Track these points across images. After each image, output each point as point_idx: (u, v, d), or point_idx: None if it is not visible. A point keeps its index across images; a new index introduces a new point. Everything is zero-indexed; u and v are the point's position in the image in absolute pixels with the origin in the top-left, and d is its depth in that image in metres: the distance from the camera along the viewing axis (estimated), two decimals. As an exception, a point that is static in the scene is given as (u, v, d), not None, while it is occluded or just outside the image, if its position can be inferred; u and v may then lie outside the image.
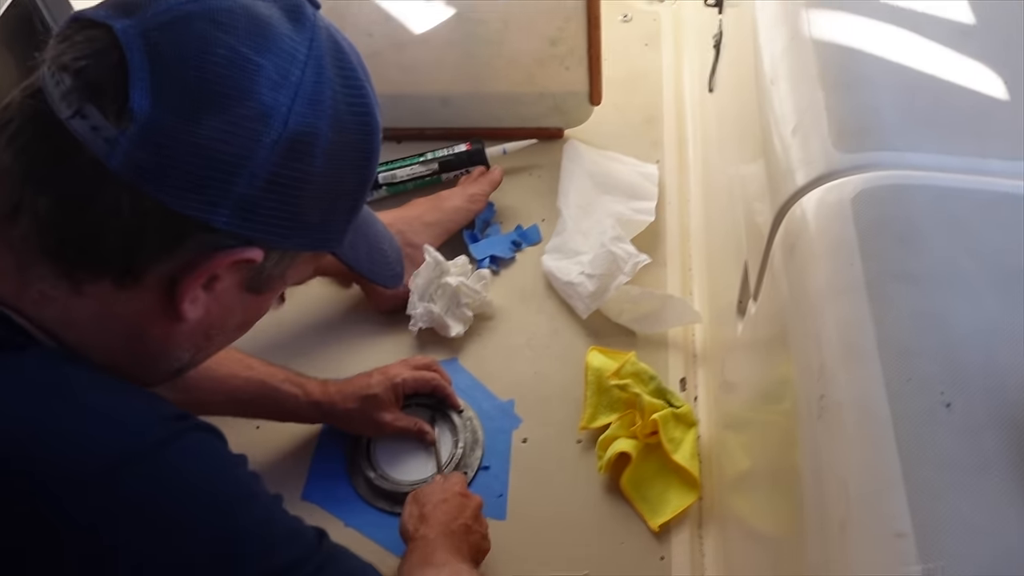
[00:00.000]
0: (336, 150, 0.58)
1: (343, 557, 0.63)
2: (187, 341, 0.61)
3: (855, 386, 0.58)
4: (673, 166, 1.38)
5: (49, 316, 0.55)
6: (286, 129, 0.54)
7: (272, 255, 0.59)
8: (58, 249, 0.54)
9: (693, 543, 1.00)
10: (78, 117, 0.51)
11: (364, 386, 1.04)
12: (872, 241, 0.64)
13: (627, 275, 1.14)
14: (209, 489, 0.55)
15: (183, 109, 0.52)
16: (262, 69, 0.53)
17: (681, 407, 1.06)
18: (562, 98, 1.37)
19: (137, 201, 0.52)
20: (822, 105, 0.76)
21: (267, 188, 0.55)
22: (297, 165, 0.56)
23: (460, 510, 0.93)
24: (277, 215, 0.56)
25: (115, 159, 0.51)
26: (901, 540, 0.50)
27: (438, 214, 1.26)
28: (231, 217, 0.54)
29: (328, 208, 0.60)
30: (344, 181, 0.60)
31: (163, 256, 0.55)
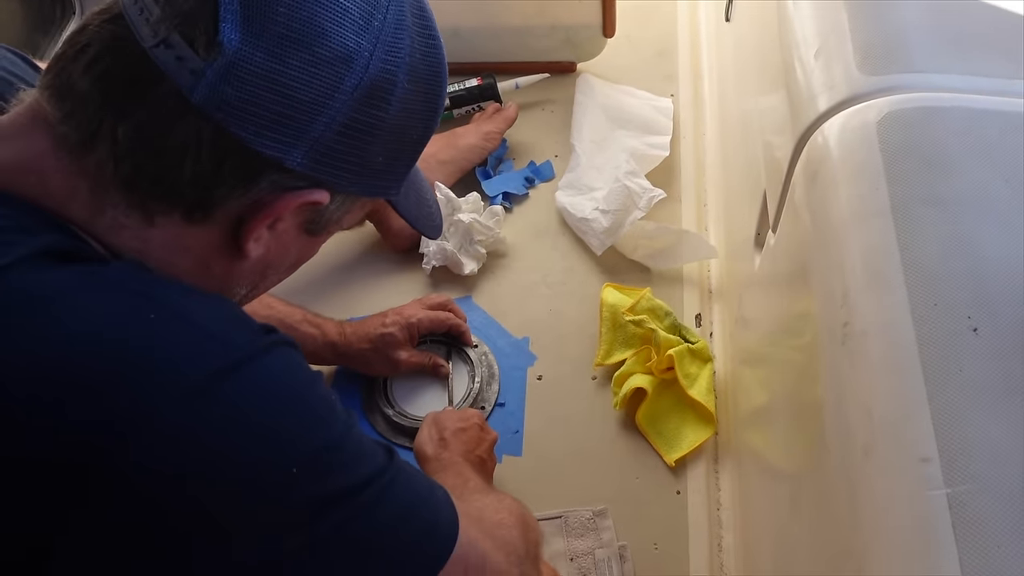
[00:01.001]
0: (409, 99, 0.57)
1: (411, 472, 0.63)
2: (246, 278, 0.61)
3: (880, 312, 0.57)
4: (688, 100, 1.36)
5: (121, 243, 0.55)
6: (367, 74, 0.54)
7: (336, 198, 0.58)
8: (133, 178, 0.53)
9: (709, 478, 1.00)
10: (163, 46, 0.50)
11: (379, 325, 1.05)
12: (898, 165, 0.62)
13: (642, 210, 1.12)
14: (300, 401, 0.55)
15: (271, 45, 0.51)
16: (348, 11, 0.53)
17: (697, 343, 1.05)
18: (574, 30, 1.34)
19: (216, 136, 0.52)
20: (846, 27, 0.73)
21: (342, 132, 0.54)
22: (373, 112, 0.55)
23: (478, 442, 0.93)
24: (348, 159, 0.56)
25: (199, 92, 0.50)
26: (926, 465, 0.49)
27: (453, 151, 1.24)
28: (305, 158, 0.54)
29: (394, 156, 0.60)
30: (412, 130, 0.60)
31: (236, 193, 0.54)
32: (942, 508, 0.47)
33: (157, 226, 0.55)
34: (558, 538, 0.95)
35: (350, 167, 0.57)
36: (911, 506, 0.49)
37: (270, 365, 0.54)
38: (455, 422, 0.94)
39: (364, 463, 0.57)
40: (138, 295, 0.52)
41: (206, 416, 0.50)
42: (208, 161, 0.52)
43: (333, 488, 0.54)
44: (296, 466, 0.52)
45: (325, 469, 0.54)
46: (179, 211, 0.54)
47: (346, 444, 0.56)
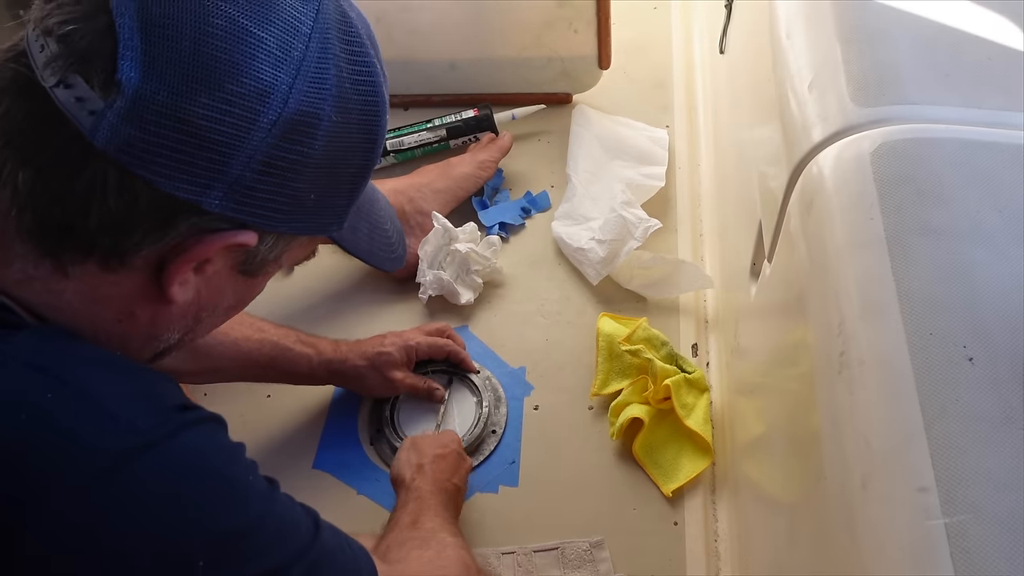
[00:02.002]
0: (339, 131, 0.54)
1: (337, 551, 0.61)
2: (176, 323, 0.58)
3: (876, 341, 0.57)
4: (683, 131, 1.37)
5: (32, 297, 0.52)
6: (285, 109, 0.51)
7: (267, 238, 0.56)
8: (39, 227, 0.50)
9: (706, 508, 0.99)
10: (62, 86, 0.48)
11: (377, 344, 1.04)
12: (892, 195, 0.63)
13: (638, 240, 1.12)
14: (209, 485, 0.52)
15: (175, 83, 0.48)
16: (262, 43, 0.50)
17: (693, 372, 1.05)
18: (571, 62, 1.35)
19: (124, 180, 0.49)
20: (839, 59, 0.74)
21: (263, 171, 0.51)
22: (296, 148, 0.52)
23: (454, 470, 0.92)
24: (273, 198, 0.53)
25: (101, 134, 0.48)
26: (924, 494, 0.49)
27: (448, 181, 1.24)
28: (224, 200, 0.51)
29: (328, 191, 0.57)
30: (346, 163, 0.57)
31: (152, 238, 0.51)
32: (940, 538, 0.47)
33: (71, 277, 0.52)
34: (555, 569, 0.94)
35: (276, 206, 0.53)
36: (909, 536, 0.49)
37: (178, 447, 0.51)
38: (434, 448, 0.94)
39: (284, 545, 0.55)
40: (39, 372, 0.49)
41: (104, 502, 0.48)
42: (117, 207, 0.49)
43: (254, 570, 0.52)
44: (201, 556, 0.50)
45: (236, 556, 0.52)
46: (93, 260, 0.51)
47: (263, 526, 0.54)
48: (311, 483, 1.02)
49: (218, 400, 1.09)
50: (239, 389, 1.10)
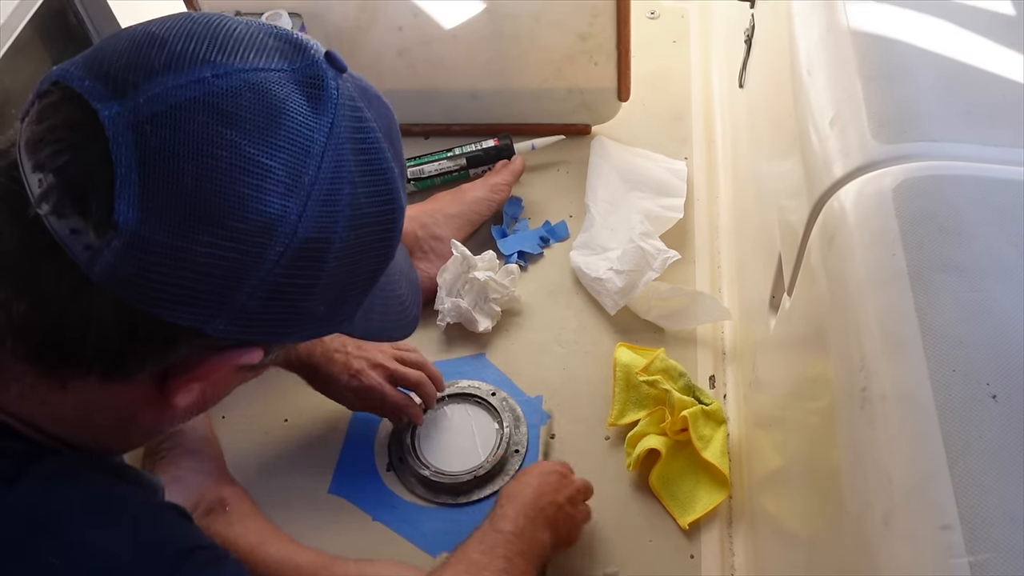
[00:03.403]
0: (352, 248, 0.52)
1: None
2: (179, 419, 0.58)
3: (899, 377, 0.57)
4: (702, 163, 1.37)
5: (31, 412, 0.52)
6: (294, 239, 0.48)
7: (274, 349, 0.55)
8: (36, 354, 0.49)
9: (723, 541, 0.99)
10: (56, 216, 0.45)
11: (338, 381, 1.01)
12: (914, 232, 0.63)
13: (656, 271, 1.13)
14: None
15: (175, 224, 0.45)
16: (270, 172, 0.47)
17: (711, 404, 1.05)
18: (590, 94, 1.36)
19: (122, 312, 0.47)
20: (860, 96, 0.75)
21: (270, 297, 0.50)
22: (306, 273, 0.50)
23: (555, 489, 0.90)
24: (281, 319, 0.52)
25: (97, 270, 0.46)
26: (948, 532, 0.49)
27: (460, 206, 1.25)
28: (229, 325, 0.49)
29: (339, 301, 0.55)
30: (359, 272, 0.55)
31: (152, 359, 0.50)
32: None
33: (71, 390, 0.51)
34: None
35: (284, 325, 0.52)
36: (932, 574, 0.49)
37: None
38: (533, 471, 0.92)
39: None
40: (42, 533, 0.48)
41: None
42: (115, 335, 0.48)
43: None
44: None
45: None
46: (93, 376, 0.50)
47: None
48: (327, 508, 1.02)
49: (236, 425, 1.09)
50: (257, 414, 1.11)
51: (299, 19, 1.24)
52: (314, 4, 1.26)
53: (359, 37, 1.30)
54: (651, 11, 1.62)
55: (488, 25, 1.28)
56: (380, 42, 1.30)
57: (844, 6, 0.83)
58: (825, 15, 0.84)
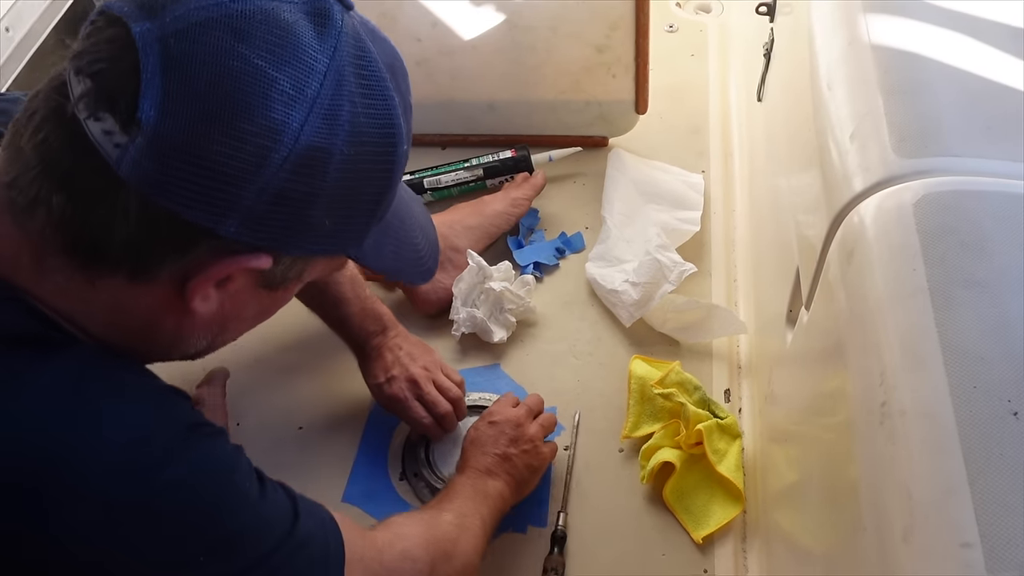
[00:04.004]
0: (352, 164, 0.57)
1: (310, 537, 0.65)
2: (200, 332, 0.62)
3: (919, 393, 0.57)
4: (719, 176, 1.37)
5: (66, 306, 0.57)
6: (297, 145, 0.53)
7: (283, 260, 0.59)
8: (71, 245, 0.54)
9: (737, 556, 0.98)
10: (93, 119, 0.52)
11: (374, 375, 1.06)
12: (935, 247, 0.63)
13: (672, 284, 1.13)
14: (211, 499, 0.58)
15: (190, 122, 0.51)
16: (276, 83, 0.53)
17: (726, 418, 1.04)
18: (608, 106, 1.36)
19: (146, 207, 0.52)
20: (881, 110, 0.75)
21: (275, 202, 0.55)
22: (308, 181, 0.55)
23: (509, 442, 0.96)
24: (286, 226, 0.57)
25: (124, 166, 0.52)
26: (968, 550, 0.49)
27: (480, 218, 1.26)
28: (239, 227, 0.54)
29: (343, 218, 0.60)
30: (361, 192, 0.60)
31: (173, 258, 0.55)
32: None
33: (99, 288, 0.56)
34: (582, 614, 0.93)
35: (291, 233, 0.57)
36: (953, 592, 0.48)
37: (189, 466, 0.57)
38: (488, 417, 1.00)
39: (268, 537, 0.61)
40: (76, 396, 0.54)
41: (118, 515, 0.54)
42: (140, 230, 0.53)
43: (238, 565, 0.59)
44: (203, 554, 0.57)
45: (230, 552, 0.59)
46: (120, 274, 0.55)
47: (253, 526, 0.61)
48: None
49: (250, 431, 1.10)
50: (271, 421, 1.11)
51: (319, 29, 1.25)
52: (334, 14, 1.26)
53: (378, 47, 1.30)
54: (669, 24, 1.62)
55: (506, 36, 1.29)
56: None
57: (865, 20, 0.83)
58: (846, 29, 0.84)
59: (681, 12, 1.66)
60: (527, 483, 0.98)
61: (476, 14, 1.27)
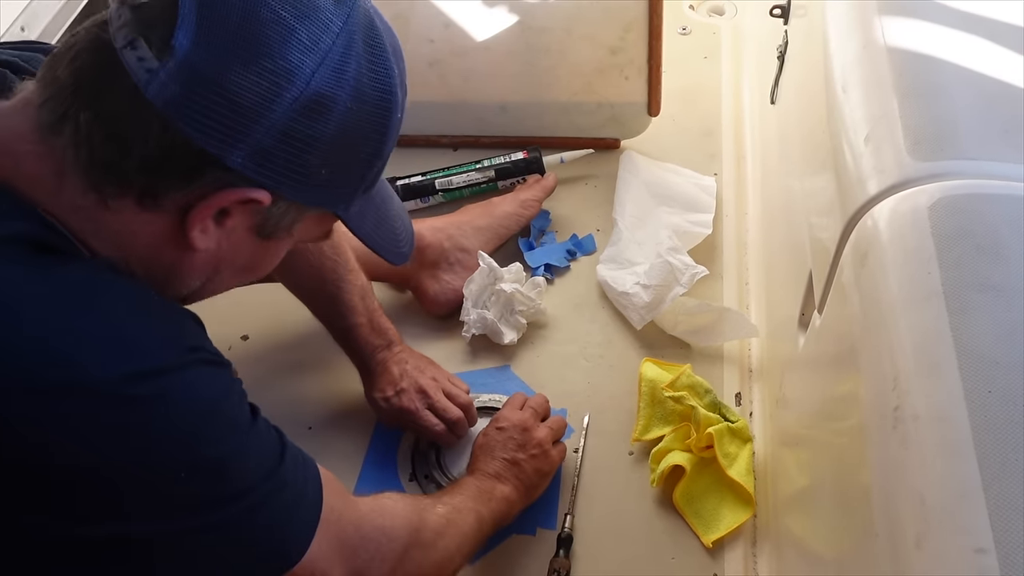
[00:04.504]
0: (352, 118, 0.62)
1: (292, 482, 0.67)
2: (198, 269, 0.65)
3: (933, 398, 0.56)
4: (731, 179, 1.37)
5: (79, 224, 0.60)
6: (307, 89, 0.58)
7: (279, 203, 0.63)
8: (90, 162, 0.58)
9: (747, 561, 0.98)
10: (129, 48, 0.56)
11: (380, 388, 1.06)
12: (950, 250, 0.62)
13: (684, 286, 1.12)
14: (202, 419, 0.60)
15: (218, 55, 0.56)
16: (295, 32, 0.58)
17: (737, 422, 1.04)
18: (620, 108, 1.36)
19: (164, 129, 0.57)
20: (896, 113, 0.74)
21: (281, 139, 0.59)
22: (312, 124, 0.60)
23: (517, 447, 0.97)
24: (287, 166, 0.60)
25: (152, 89, 0.56)
26: (982, 556, 0.48)
27: (489, 219, 1.26)
28: (246, 160, 0.59)
29: (338, 170, 0.64)
30: (357, 149, 0.64)
31: (180, 184, 0.59)
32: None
33: (111, 209, 0.60)
34: (591, 616, 0.93)
35: (290, 173, 0.61)
36: (966, 598, 0.48)
37: (182, 382, 0.59)
38: (498, 422, 1.00)
39: (251, 472, 0.63)
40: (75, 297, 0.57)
41: (107, 415, 0.56)
42: (156, 151, 0.58)
43: (219, 491, 0.61)
44: (183, 470, 0.58)
45: (212, 477, 0.60)
46: (131, 196, 0.59)
47: (237, 456, 0.62)
48: (349, 517, 1.02)
49: (260, 430, 1.10)
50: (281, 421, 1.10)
51: (332, 29, 1.25)
52: (347, 15, 1.27)
53: (391, 48, 1.31)
54: (683, 27, 1.62)
55: (519, 38, 1.29)
56: (411, 53, 1.28)
57: (880, 22, 0.82)
58: (861, 31, 0.84)
59: (694, 14, 1.66)
60: (536, 487, 0.98)
61: (489, 15, 1.27)
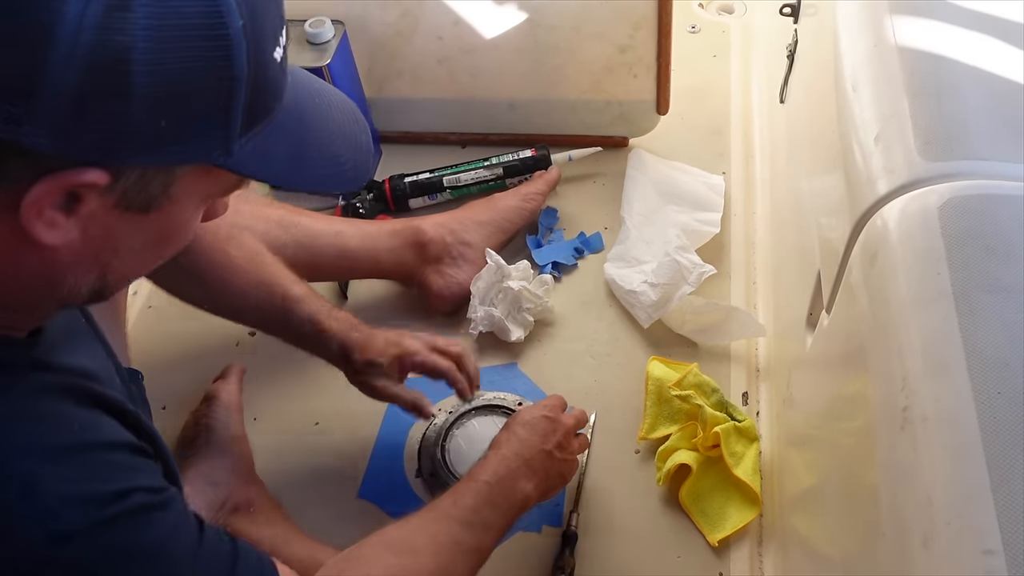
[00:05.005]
0: (166, 55, 0.49)
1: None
2: (78, 268, 0.56)
3: (941, 398, 0.56)
4: (739, 178, 1.37)
5: None
6: (80, 41, 0.47)
7: (127, 173, 0.52)
8: None
9: (752, 560, 0.98)
10: None
11: (379, 346, 1.00)
12: (960, 251, 0.62)
13: (691, 285, 1.12)
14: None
15: None
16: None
17: (743, 421, 1.04)
18: (629, 106, 1.36)
19: None
20: (907, 113, 0.74)
21: (79, 107, 0.48)
22: (110, 81, 0.48)
23: (543, 436, 0.90)
24: (104, 134, 0.50)
25: None
26: (990, 557, 0.48)
27: (491, 213, 1.25)
28: (44, 138, 0.48)
29: (180, 119, 0.52)
30: (194, 87, 0.51)
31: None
32: (1007, 603, 0.46)
33: None
34: (596, 614, 0.93)
35: (113, 141, 0.50)
36: (974, 600, 0.48)
37: (104, 541, 0.54)
38: (522, 416, 0.92)
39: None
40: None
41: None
42: None
43: None
44: None
45: None
46: None
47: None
48: (355, 512, 1.03)
49: (267, 427, 1.10)
50: (288, 416, 1.12)
51: (341, 26, 1.25)
52: (357, 11, 1.27)
53: (400, 44, 1.31)
54: (692, 25, 1.61)
55: (528, 36, 1.28)
56: (421, 50, 1.31)
57: (891, 22, 0.82)
58: (872, 31, 0.83)
59: (704, 13, 1.65)
60: (552, 491, 0.93)
61: (498, 13, 1.27)
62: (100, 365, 0.68)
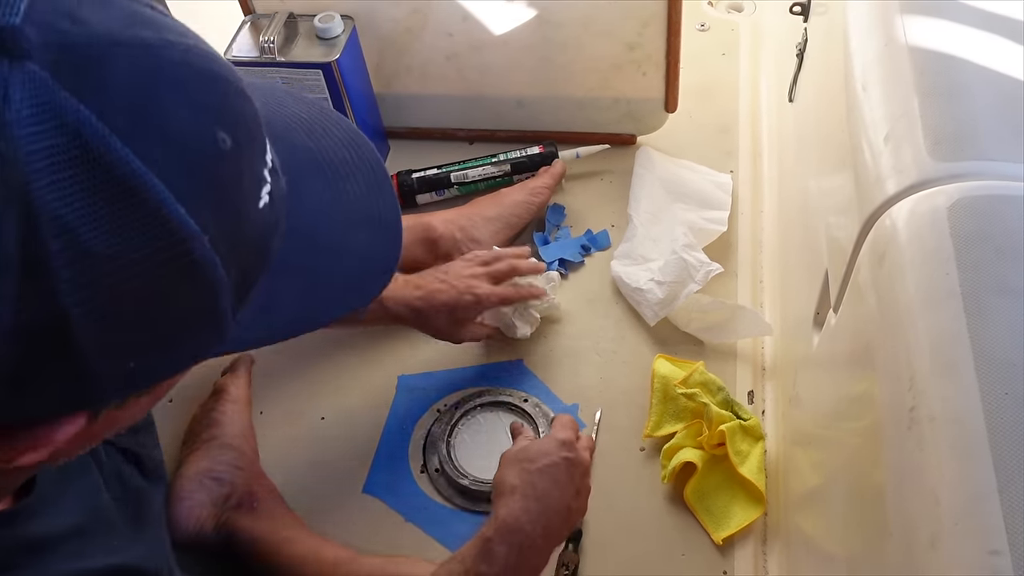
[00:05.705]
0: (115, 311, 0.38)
1: None
2: (68, 454, 0.47)
3: (949, 399, 0.56)
4: (747, 177, 1.36)
5: None
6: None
7: (102, 411, 0.43)
8: None
9: (757, 559, 0.98)
10: None
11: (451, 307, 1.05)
12: (969, 252, 0.62)
13: (698, 284, 1.12)
14: None
15: None
16: None
17: (749, 419, 1.04)
18: (637, 104, 1.36)
19: None
20: (917, 112, 0.74)
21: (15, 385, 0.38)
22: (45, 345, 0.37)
23: (564, 486, 0.83)
24: (64, 388, 0.40)
25: None
26: (997, 558, 0.48)
27: (499, 208, 1.25)
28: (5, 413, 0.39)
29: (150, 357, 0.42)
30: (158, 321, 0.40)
31: None
32: (1013, 604, 0.46)
33: None
34: (600, 611, 0.93)
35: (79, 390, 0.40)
36: (980, 600, 0.48)
37: None
38: (538, 457, 0.85)
39: None
40: None
41: None
42: None
43: None
44: None
45: None
46: None
47: None
48: (360, 507, 1.03)
49: (273, 421, 1.10)
50: (294, 411, 1.12)
51: (351, 21, 1.25)
52: (367, 7, 1.27)
53: (410, 41, 1.31)
54: (701, 23, 1.61)
55: (536, 32, 1.28)
56: (430, 46, 1.31)
57: (902, 21, 0.82)
58: (882, 30, 0.83)
59: (713, 11, 1.65)
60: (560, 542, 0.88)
61: (507, 10, 1.27)
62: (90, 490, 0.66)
